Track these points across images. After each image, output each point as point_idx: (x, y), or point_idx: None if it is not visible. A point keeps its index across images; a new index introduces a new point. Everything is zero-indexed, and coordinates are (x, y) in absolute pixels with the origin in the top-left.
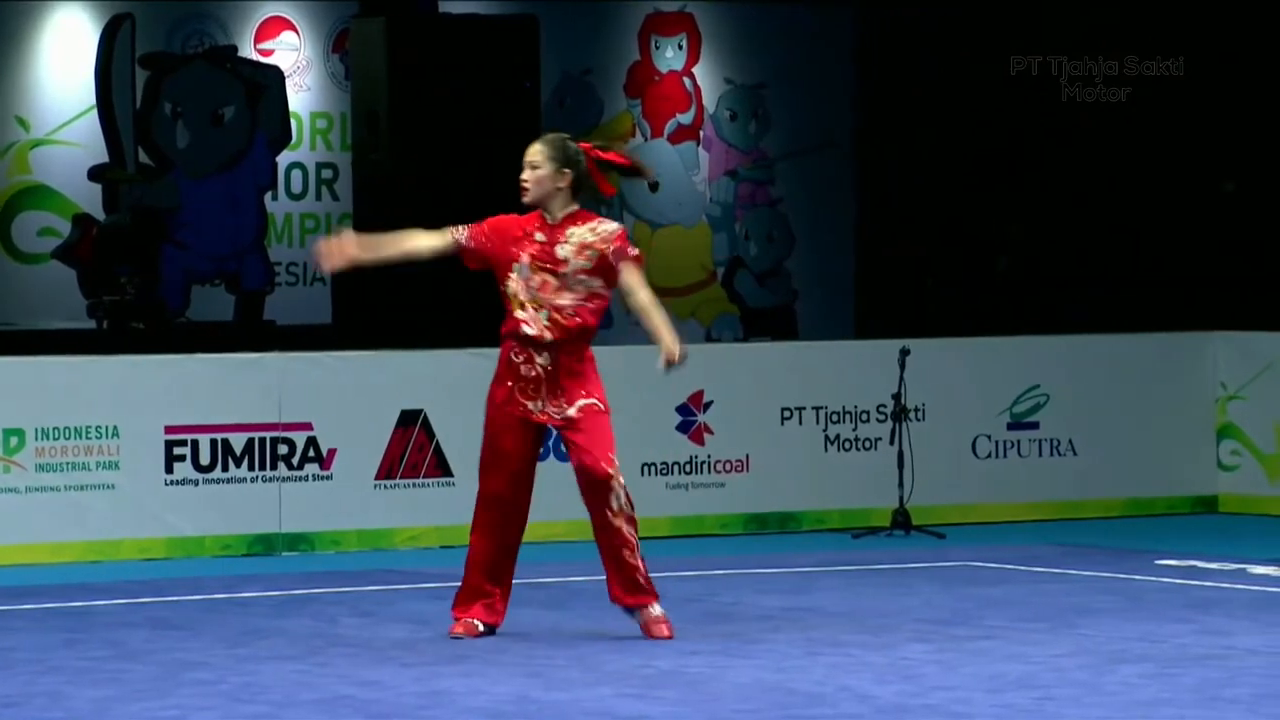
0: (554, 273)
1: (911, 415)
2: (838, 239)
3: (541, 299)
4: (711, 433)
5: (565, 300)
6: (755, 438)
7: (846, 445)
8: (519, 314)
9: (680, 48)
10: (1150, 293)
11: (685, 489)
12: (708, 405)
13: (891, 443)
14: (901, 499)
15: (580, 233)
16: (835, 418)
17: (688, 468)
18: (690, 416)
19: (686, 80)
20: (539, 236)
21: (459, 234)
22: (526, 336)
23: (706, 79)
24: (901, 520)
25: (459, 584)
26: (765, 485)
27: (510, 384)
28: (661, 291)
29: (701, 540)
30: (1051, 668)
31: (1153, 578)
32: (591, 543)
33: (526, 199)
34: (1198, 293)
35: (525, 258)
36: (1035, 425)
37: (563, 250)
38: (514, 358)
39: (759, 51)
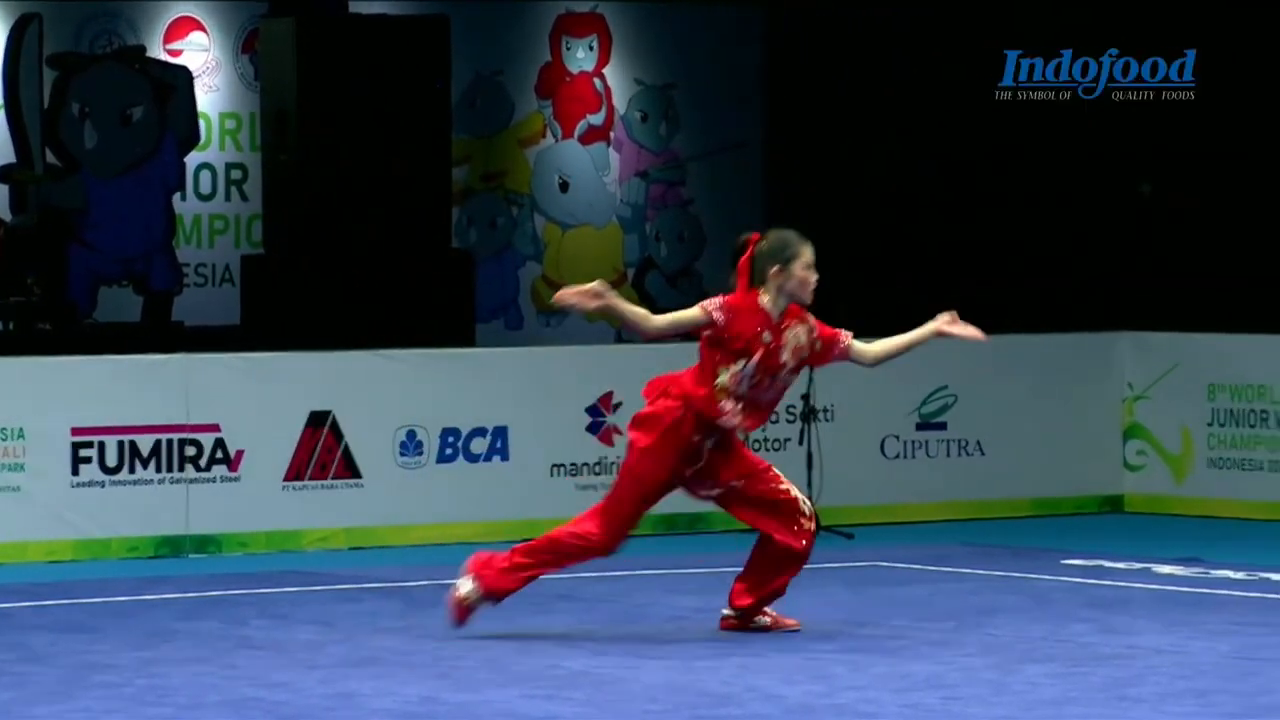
0: (773, 374)
1: (820, 416)
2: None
3: (751, 396)
4: (621, 434)
5: (768, 396)
6: None
7: (756, 446)
8: (724, 404)
9: (591, 49)
10: (1059, 293)
11: (595, 490)
12: (617, 406)
13: (800, 443)
14: (811, 499)
15: (796, 333)
16: None
17: (597, 469)
18: (600, 418)
19: (597, 81)
20: (766, 337)
21: (714, 310)
22: (718, 427)
23: (617, 80)
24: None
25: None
26: None
27: (677, 453)
28: None
29: None
30: (958, 667)
31: (1059, 577)
32: (500, 544)
33: (809, 301)
34: (1106, 293)
35: (757, 358)
36: (943, 426)
37: (783, 354)
38: (691, 435)
39: (669, 52)
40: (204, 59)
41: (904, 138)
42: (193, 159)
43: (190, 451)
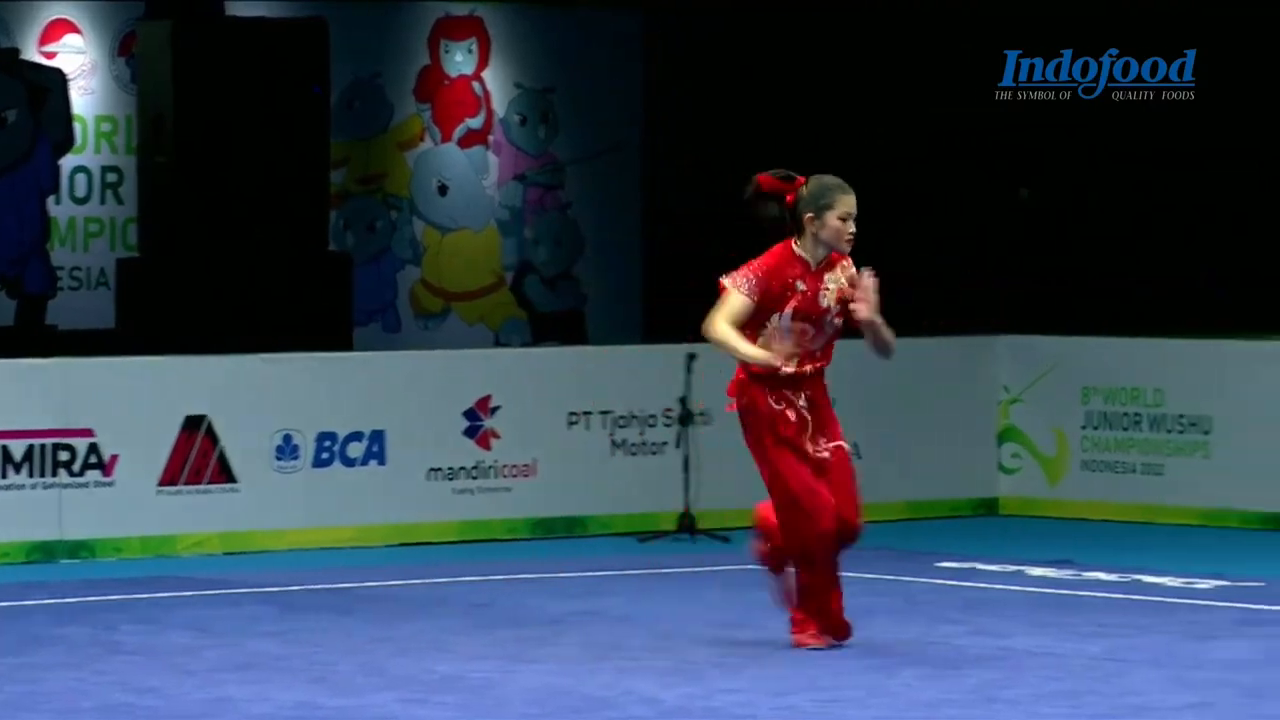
0: (817, 320)
1: (698, 419)
2: (626, 243)
3: (799, 345)
4: (499, 437)
5: (818, 344)
6: (542, 442)
7: (633, 449)
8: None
9: (470, 52)
10: (934, 296)
11: (472, 493)
12: (495, 410)
13: (678, 447)
14: (687, 503)
15: (835, 276)
16: (622, 422)
17: (474, 472)
18: (477, 421)
19: (476, 84)
20: (800, 285)
21: (750, 296)
22: (780, 379)
23: (496, 83)
24: (687, 524)
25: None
26: (552, 490)
27: (773, 431)
28: (450, 296)
29: (488, 545)
30: (833, 670)
31: (933, 580)
32: (376, 548)
33: (849, 249)
34: (982, 296)
35: (789, 310)
36: None
37: (825, 299)
38: (774, 404)
39: (548, 55)
40: (79, 61)
41: (782, 141)
42: (68, 162)
43: (64, 456)
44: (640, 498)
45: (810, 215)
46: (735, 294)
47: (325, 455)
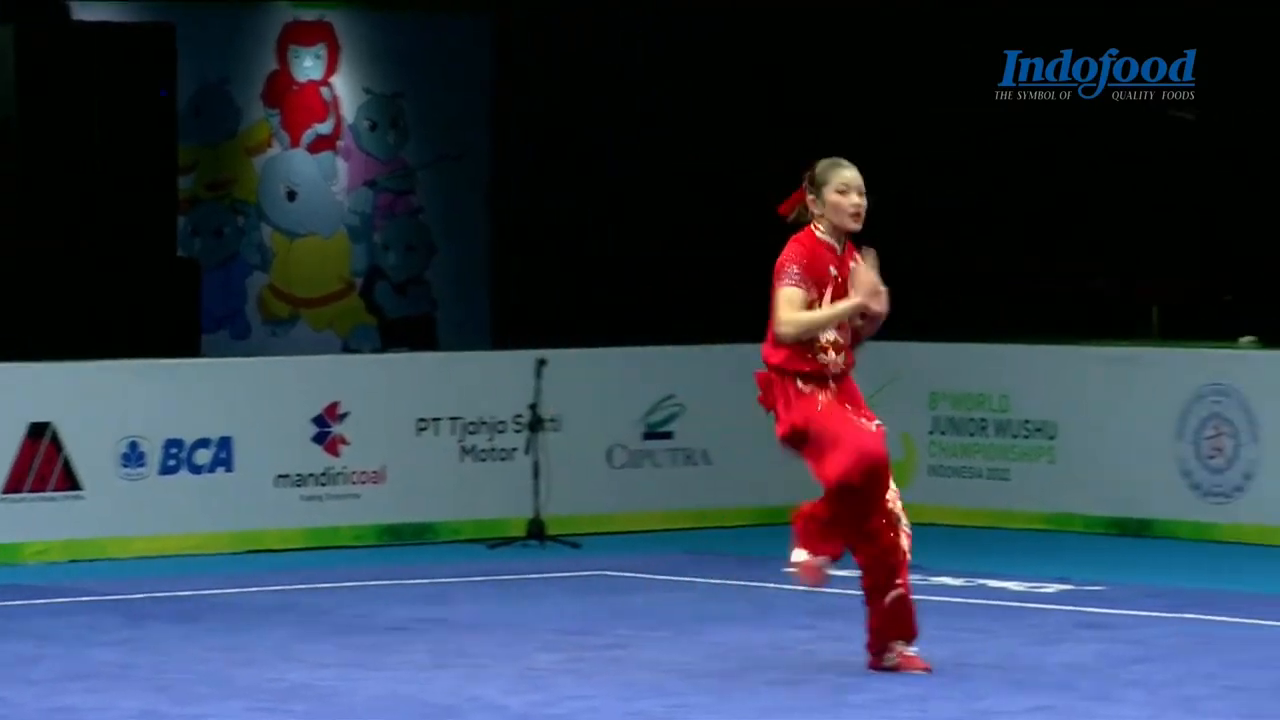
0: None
1: (547, 425)
2: (476, 249)
3: (836, 337)
4: (347, 444)
5: (845, 336)
6: (391, 449)
7: (483, 455)
8: (820, 358)
9: (319, 57)
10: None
11: (320, 500)
12: (343, 416)
13: (527, 453)
14: (537, 509)
15: (856, 267)
16: (472, 428)
17: (323, 479)
18: (325, 428)
19: (325, 89)
20: (833, 271)
21: (806, 284)
22: (829, 374)
23: (345, 88)
24: (536, 530)
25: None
26: (401, 496)
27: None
28: (299, 302)
29: (336, 552)
30: (682, 675)
31: (782, 585)
32: (224, 555)
33: (857, 226)
34: None
35: (828, 297)
36: (670, 435)
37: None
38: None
39: (398, 61)
40: None
41: (631, 145)
42: None
43: None
44: (490, 504)
45: (812, 198)
46: (786, 288)
47: (172, 462)
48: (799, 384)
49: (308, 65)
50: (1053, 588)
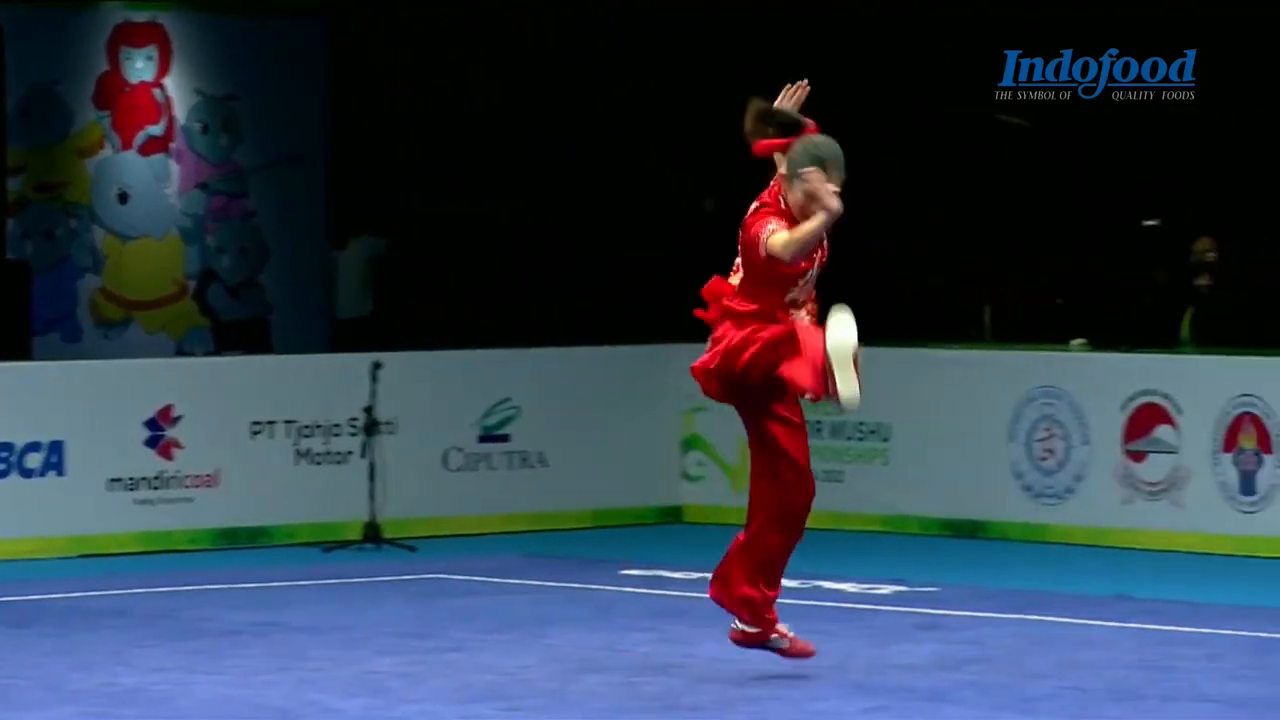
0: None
1: (383, 428)
2: (311, 252)
3: (804, 297)
4: (181, 447)
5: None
6: (225, 452)
7: (318, 459)
8: (793, 313)
9: (150, 59)
10: (619, 305)
11: (153, 504)
12: (177, 419)
13: (363, 456)
14: (372, 512)
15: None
16: (307, 431)
17: (156, 483)
18: (158, 431)
19: (157, 91)
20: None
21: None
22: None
23: (178, 90)
24: (372, 534)
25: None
26: (236, 500)
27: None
28: (131, 304)
29: (171, 556)
30: (518, 678)
31: (618, 588)
32: (56, 560)
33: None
34: (666, 305)
35: (815, 267)
36: (506, 438)
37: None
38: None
39: (230, 63)
40: None
41: (464, 149)
42: None
43: None
44: (325, 507)
45: (785, 174)
46: (771, 228)
47: (2, 466)
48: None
49: (139, 67)
50: (888, 589)
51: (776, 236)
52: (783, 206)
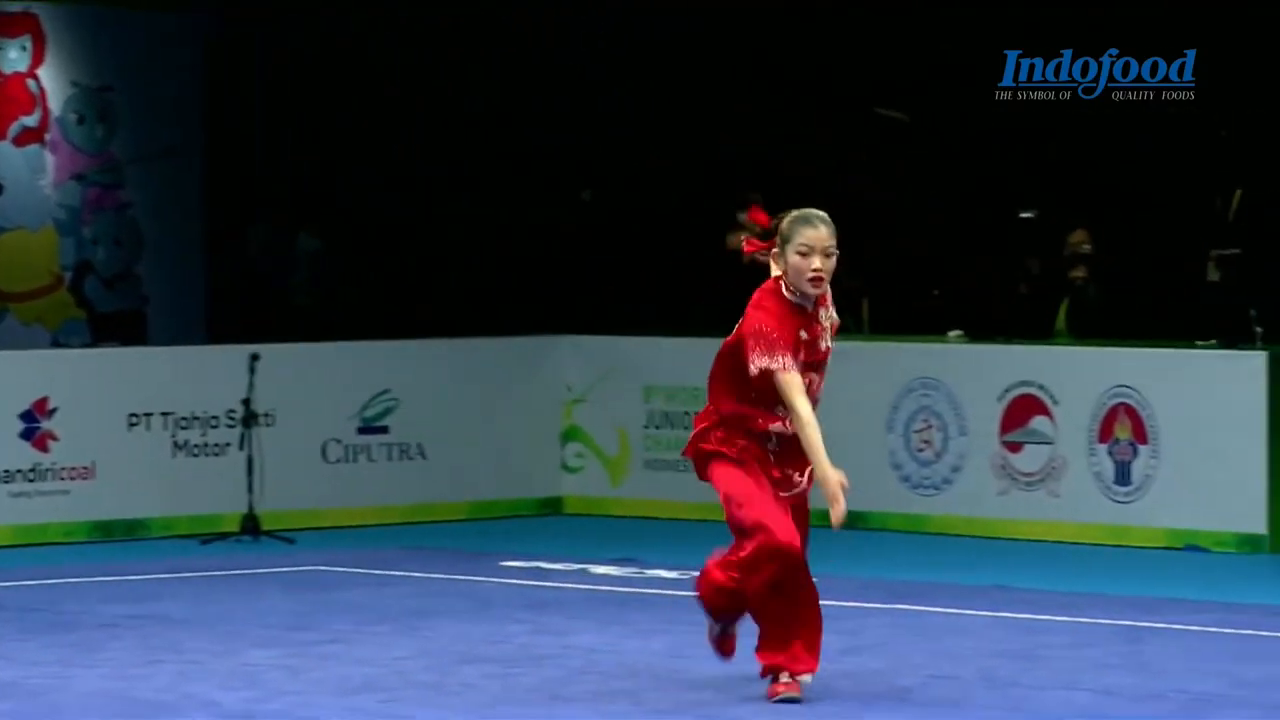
0: (817, 366)
1: (261, 421)
2: (189, 244)
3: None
4: (56, 439)
5: (816, 389)
6: (102, 444)
7: (195, 451)
8: (778, 411)
9: (24, 49)
10: (499, 297)
11: (29, 497)
12: (52, 412)
13: (241, 448)
14: (251, 504)
15: (825, 315)
16: (184, 423)
17: (31, 475)
18: (33, 423)
19: (31, 82)
20: (802, 334)
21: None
22: (778, 435)
23: (52, 81)
24: (250, 526)
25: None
26: (112, 492)
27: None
28: (6, 296)
29: (45, 549)
30: (396, 670)
31: (497, 579)
32: None
33: (817, 291)
34: (545, 296)
35: (800, 364)
36: (385, 429)
37: (823, 342)
38: (759, 448)
39: (105, 54)
40: None
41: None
42: None
43: None
44: (203, 500)
45: (776, 253)
46: (788, 374)
47: None
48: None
49: (13, 57)
50: None
51: (786, 377)
52: (786, 295)
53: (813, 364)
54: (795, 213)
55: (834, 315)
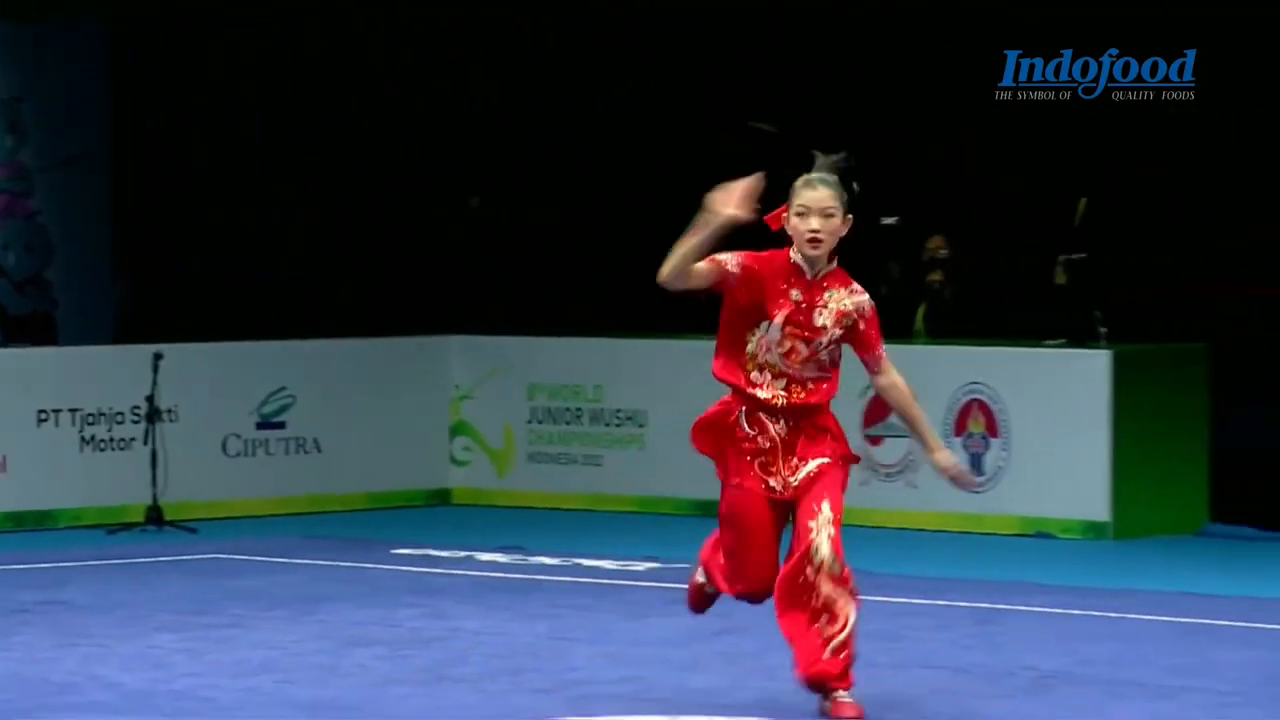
0: (811, 342)
1: (165, 417)
2: (96, 249)
3: (788, 369)
4: None
5: (811, 373)
6: (13, 439)
7: (102, 445)
8: (754, 375)
9: None
10: (391, 297)
11: None
12: None
13: (146, 443)
14: (155, 496)
15: (839, 297)
16: (91, 419)
17: None
18: None
19: None
20: (795, 295)
21: (729, 264)
22: (761, 402)
23: None
24: (155, 516)
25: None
26: (23, 485)
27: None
28: None
29: None
30: (292, 653)
31: (388, 566)
32: None
33: (815, 252)
34: (435, 297)
35: (780, 317)
36: (282, 425)
37: (821, 317)
38: (747, 428)
39: (14, 66)
40: None
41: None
42: None
43: None
44: (109, 491)
45: (786, 217)
46: (718, 259)
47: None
48: (741, 424)
49: None
50: (643, 566)
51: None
52: (793, 258)
53: (799, 329)
54: (804, 176)
55: (848, 303)
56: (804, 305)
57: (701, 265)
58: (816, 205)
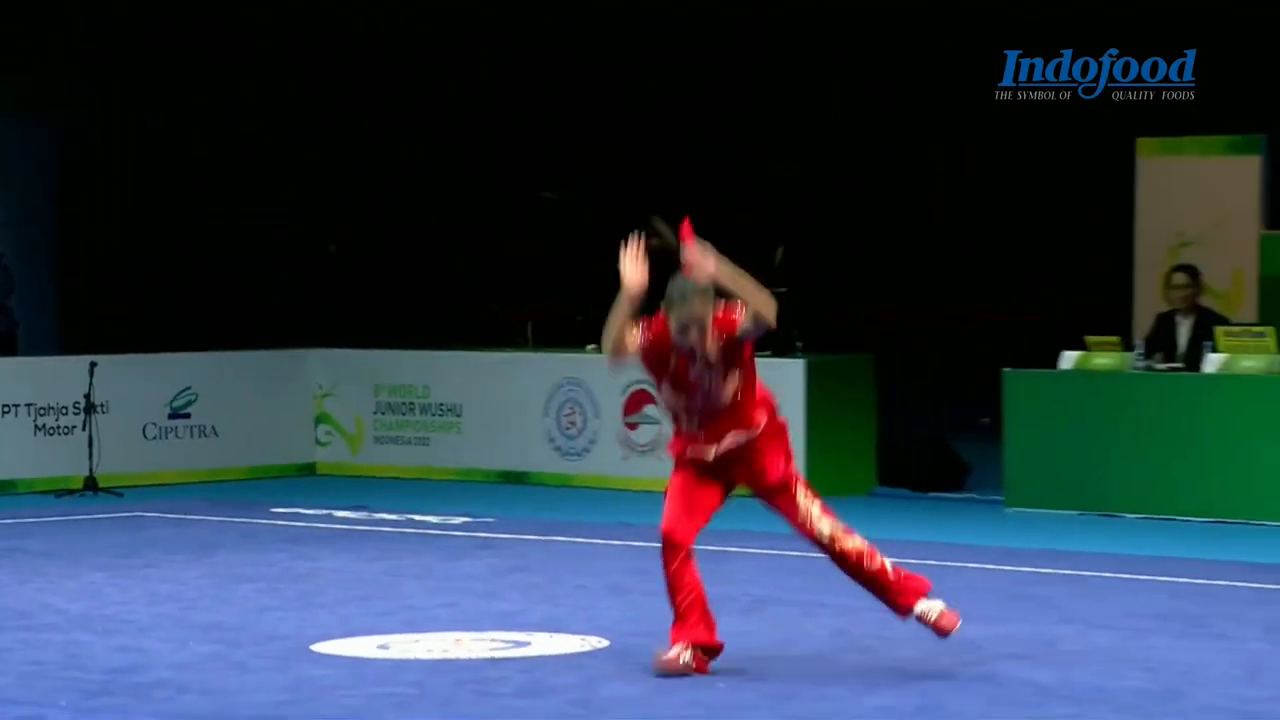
0: (696, 382)
1: (99, 409)
2: (46, 286)
3: (689, 408)
4: None
5: (714, 404)
6: None
7: (51, 431)
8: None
9: None
10: (268, 315)
11: None
12: None
13: (84, 430)
14: (91, 469)
15: (707, 349)
16: (43, 412)
17: None
18: None
19: None
20: (673, 360)
21: (634, 347)
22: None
23: None
24: (91, 485)
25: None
26: None
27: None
28: None
29: None
30: (191, 586)
31: (267, 521)
32: None
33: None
34: (301, 317)
35: (668, 379)
36: (188, 415)
37: (694, 369)
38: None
39: None
40: None
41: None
42: None
43: None
44: (57, 465)
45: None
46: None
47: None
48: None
49: None
50: (459, 520)
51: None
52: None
53: (678, 385)
54: (677, 283)
55: (715, 335)
56: (679, 369)
57: (627, 344)
58: (685, 320)
